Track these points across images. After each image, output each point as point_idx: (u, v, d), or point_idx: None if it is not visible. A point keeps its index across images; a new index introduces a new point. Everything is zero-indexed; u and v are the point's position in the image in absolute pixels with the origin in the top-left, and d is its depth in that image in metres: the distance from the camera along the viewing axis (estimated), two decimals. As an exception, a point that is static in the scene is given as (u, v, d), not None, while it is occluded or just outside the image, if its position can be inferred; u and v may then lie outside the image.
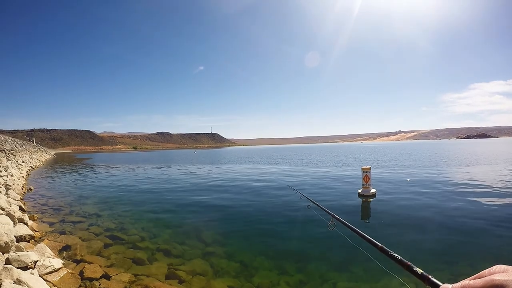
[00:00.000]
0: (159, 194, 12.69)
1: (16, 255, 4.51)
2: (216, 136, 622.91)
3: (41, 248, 5.27)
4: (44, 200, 11.45)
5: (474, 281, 0.63)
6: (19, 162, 27.07)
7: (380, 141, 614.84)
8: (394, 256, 1.20)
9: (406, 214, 8.11)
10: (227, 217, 8.59)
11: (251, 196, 11.44)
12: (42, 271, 4.51)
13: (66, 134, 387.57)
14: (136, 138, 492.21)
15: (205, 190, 13.27)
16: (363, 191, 10.56)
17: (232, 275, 4.77)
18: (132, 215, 8.83)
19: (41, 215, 8.80)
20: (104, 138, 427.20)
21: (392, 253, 1.23)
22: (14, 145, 44.47)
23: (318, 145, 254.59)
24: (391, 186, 12.70)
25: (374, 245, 1.43)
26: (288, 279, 4.60)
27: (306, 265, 5.14)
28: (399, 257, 1.17)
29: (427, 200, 9.56)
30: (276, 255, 5.59)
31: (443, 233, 6.51)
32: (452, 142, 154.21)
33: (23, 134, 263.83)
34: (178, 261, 5.31)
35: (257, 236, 6.82)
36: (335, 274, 4.75)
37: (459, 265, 4.96)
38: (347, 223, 1.99)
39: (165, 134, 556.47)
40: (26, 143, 67.96)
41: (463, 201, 9.25)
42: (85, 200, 11.49)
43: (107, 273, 4.75)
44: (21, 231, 6.28)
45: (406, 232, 6.71)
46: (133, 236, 6.71)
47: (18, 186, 13.19)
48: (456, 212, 8.07)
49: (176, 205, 10.17)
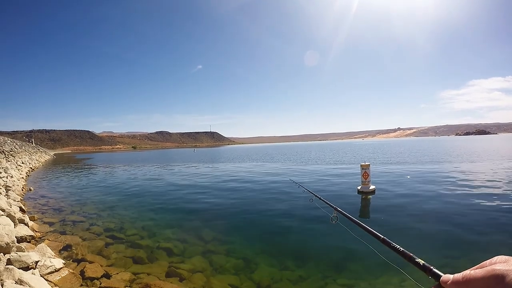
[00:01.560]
0: (159, 193, 12.71)
1: (17, 255, 4.53)
2: (215, 135, 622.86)
3: (42, 248, 5.29)
4: (44, 201, 11.46)
5: (475, 271, 0.64)
6: (19, 163, 27.05)
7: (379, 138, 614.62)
8: (396, 247, 1.20)
9: (405, 211, 8.12)
10: (227, 214, 8.60)
11: (250, 193, 11.46)
12: (43, 271, 4.53)
13: (65, 134, 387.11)
14: (136, 138, 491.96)
15: (204, 188, 13.28)
16: (362, 188, 10.58)
17: (232, 272, 4.80)
18: (132, 214, 8.86)
19: (41, 216, 8.82)
20: (104, 138, 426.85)
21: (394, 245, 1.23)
22: (13, 146, 44.45)
23: (318, 142, 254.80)
24: (391, 183, 12.72)
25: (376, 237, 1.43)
26: (288, 275, 4.63)
27: (307, 260, 5.17)
28: (401, 249, 1.17)
29: (427, 197, 9.57)
30: (277, 251, 5.62)
31: (443, 229, 6.52)
32: (451, 139, 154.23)
33: (23, 135, 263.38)
34: (179, 259, 5.33)
35: (258, 232, 6.86)
36: (336, 270, 4.78)
37: (460, 260, 4.98)
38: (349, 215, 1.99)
39: (164, 133, 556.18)
40: (25, 144, 67.91)
41: (464, 198, 9.25)
42: (85, 200, 11.50)
43: (108, 272, 4.78)
44: (21, 231, 6.30)
45: (406, 228, 6.72)
46: (133, 236, 6.74)
47: (18, 187, 13.20)
48: (456, 208, 8.09)
49: (176, 204, 10.20)
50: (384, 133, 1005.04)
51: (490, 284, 0.59)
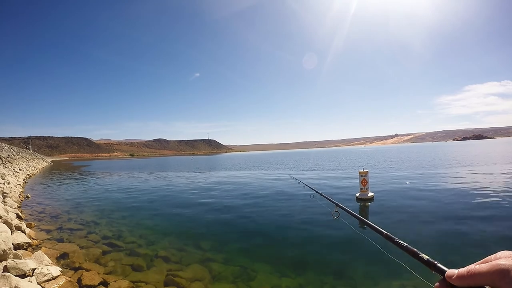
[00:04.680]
0: (157, 201, 12.65)
1: (14, 263, 4.49)
2: (213, 143, 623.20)
3: (39, 256, 5.24)
4: (41, 208, 11.38)
5: (480, 265, 0.65)
6: (16, 170, 26.90)
7: (377, 145, 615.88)
8: (399, 243, 1.18)
9: (405, 217, 8.11)
10: (225, 221, 8.55)
11: (249, 200, 11.40)
12: (40, 279, 4.49)
13: (62, 141, 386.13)
14: (133, 145, 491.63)
15: (203, 196, 13.23)
16: (361, 195, 10.57)
17: (230, 279, 4.76)
18: (130, 222, 8.80)
19: (38, 223, 8.76)
20: (101, 145, 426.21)
21: (398, 240, 1.21)
22: (10, 152, 44.26)
23: (316, 150, 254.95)
24: (390, 189, 12.70)
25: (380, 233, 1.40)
26: (288, 282, 4.59)
27: (306, 267, 5.14)
28: (405, 244, 1.15)
29: (427, 204, 9.55)
30: (276, 258, 5.57)
31: (443, 237, 6.49)
32: (449, 144, 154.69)
33: (20, 142, 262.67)
34: (177, 267, 5.29)
35: (256, 238, 6.82)
36: (335, 277, 4.75)
37: (460, 266, 4.96)
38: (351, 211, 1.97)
39: (162, 140, 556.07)
40: (22, 151, 67.62)
41: (464, 204, 9.22)
42: (83, 207, 11.43)
43: (106, 280, 4.73)
44: (18, 239, 6.25)
45: (406, 235, 6.68)
46: (131, 243, 6.69)
47: (15, 194, 13.11)
48: (457, 214, 8.07)
49: (174, 212, 10.13)
50: (381, 139, 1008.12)
51: (494, 278, 0.60)
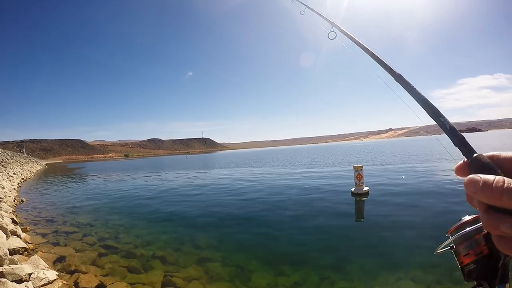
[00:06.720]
0: (152, 201, 12.60)
1: (10, 268, 4.47)
2: (207, 141, 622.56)
3: (35, 260, 5.23)
4: (37, 212, 11.31)
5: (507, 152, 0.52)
6: (10, 174, 26.65)
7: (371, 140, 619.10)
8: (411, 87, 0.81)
9: (401, 211, 8.18)
10: (221, 220, 8.57)
11: (242, 197, 11.42)
12: (36, 284, 4.48)
13: (56, 144, 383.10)
14: (128, 146, 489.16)
15: (195, 196, 13.24)
16: (356, 190, 10.65)
17: (226, 279, 4.79)
18: (126, 223, 8.78)
19: (34, 227, 8.71)
20: (95, 146, 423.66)
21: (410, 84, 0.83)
22: (4, 156, 43.78)
23: (311, 146, 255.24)
24: (386, 183, 12.80)
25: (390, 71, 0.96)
26: (284, 281, 4.63)
27: (302, 263, 5.18)
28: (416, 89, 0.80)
29: (423, 196, 9.66)
30: (272, 256, 5.62)
31: (438, 229, 6.57)
32: (443, 137, 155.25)
33: (13, 145, 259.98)
34: (174, 268, 5.31)
35: (252, 237, 6.85)
36: (332, 273, 4.79)
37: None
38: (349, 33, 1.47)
39: (156, 140, 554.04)
40: (16, 155, 66.92)
41: (459, 196, 9.28)
42: (78, 210, 11.38)
43: (103, 283, 4.74)
44: (14, 244, 6.21)
45: (402, 229, 6.73)
46: (128, 245, 6.69)
47: (10, 199, 13.01)
48: (451, 207, 8.15)
49: (169, 212, 10.12)
50: (375, 134, 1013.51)
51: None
